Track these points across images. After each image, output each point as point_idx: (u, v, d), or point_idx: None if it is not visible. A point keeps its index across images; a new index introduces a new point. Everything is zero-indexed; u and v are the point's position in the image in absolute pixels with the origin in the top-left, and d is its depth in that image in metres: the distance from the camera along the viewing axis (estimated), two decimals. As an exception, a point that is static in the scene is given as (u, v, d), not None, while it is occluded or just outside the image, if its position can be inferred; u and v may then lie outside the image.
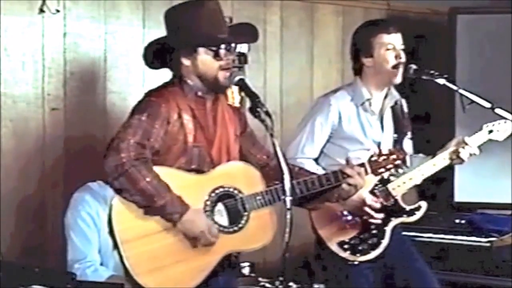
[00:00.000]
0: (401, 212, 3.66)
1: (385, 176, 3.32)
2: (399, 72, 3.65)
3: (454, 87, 3.74)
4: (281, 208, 2.90)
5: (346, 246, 3.60)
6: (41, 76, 4.01)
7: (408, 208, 3.67)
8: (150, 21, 4.26)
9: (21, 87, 3.96)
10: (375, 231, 3.62)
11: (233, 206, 3.08)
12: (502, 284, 4.24)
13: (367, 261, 3.62)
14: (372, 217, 3.56)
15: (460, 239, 4.45)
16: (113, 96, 4.19)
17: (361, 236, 3.61)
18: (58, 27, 4.03)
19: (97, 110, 4.13)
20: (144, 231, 2.99)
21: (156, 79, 4.12)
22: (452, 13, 4.93)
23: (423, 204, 3.67)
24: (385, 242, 3.63)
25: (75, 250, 3.62)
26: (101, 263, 3.65)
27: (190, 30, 3.09)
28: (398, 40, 3.67)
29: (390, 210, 3.64)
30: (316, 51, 4.86)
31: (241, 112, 3.32)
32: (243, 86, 3.09)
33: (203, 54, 3.09)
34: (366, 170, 3.22)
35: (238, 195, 3.09)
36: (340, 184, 3.18)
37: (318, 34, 4.86)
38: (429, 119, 4.94)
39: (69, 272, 3.38)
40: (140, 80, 4.24)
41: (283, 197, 2.80)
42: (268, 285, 3.91)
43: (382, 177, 3.54)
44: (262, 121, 2.89)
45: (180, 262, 3.00)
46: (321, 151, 3.72)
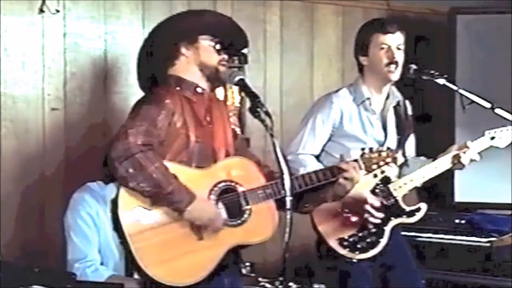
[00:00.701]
0: (401, 212, 3.67)
1: (378, 173, 3.33)
2: (394, 70, 3.66)
3: (454, 87, 3.74)
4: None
5: (345, 243, 3.61)
6: (41, 76, 4.01)
7: (408, 209, 3.68)
8: (150, 21, 4.25)
9: (21, 87, 3.96)
10: (374, 230, 3.64)
11: (235, 200, 3.10)
12: (502, 284, 4.24)
13: (367, 260, 3.63)
14: (372, 216, 3.57)
15: (460, 239, 4.45)
16: (113, 96, 4.19)
17: (360, 234, 3.63)
18: (58, 27, 4.03)
19: (97, 110, 4.13)
20: (151, 223, 3.00)
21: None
22: (452, 13, 4.93)
23: (423, 206, 3.68)
24: (383, 242, 3.64)
25: (75, 250, 3.63)
26: (101, 263, 3.65)
27: (196, 19, 3.19)
28: (395, 40, 3.68)
29: (390, 210, 3.65)
30: (316, 51, 4.86)
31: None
32: (243, 86, 3.10)
33: (206, 44, 3.15)
34: (360, 166, 3.25)
35: (240, 189, 3.11)
36: (337, 180, 3.20)
37: (318, 34, 4.86)
38: (430, 119, 4.94)
39: (69, 272, 3.39)
40: (140, 80, 4.24)
41: (283, 192, 2.81)
42: (268, 285, 3.91)
43: (383, 177, 3.55)
44: (262, 121, 2.90)
45: (188, 253, 3.01)
46: (323, 149, 3.74)
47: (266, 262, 3.70)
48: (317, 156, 3.73)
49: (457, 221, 4.58)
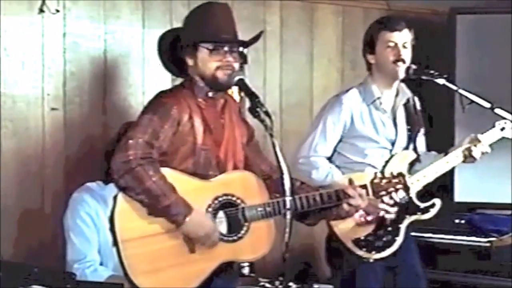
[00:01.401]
0: (415, 209, 3.66)
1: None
2: (400, 68, 3.66)
3: (454, 87, 3.74)
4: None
5: (362, 244, 3.61)
6: (41, 76, 4.00)
7: (422, 205, 3.67)
8: (150, 21, 4.25)
9: (21, 87, 3.96)
10: (390, 228, 3.63)
11: (234, 215, 3.07)
12: (502, 284, 4.24)
13: (380, 259, 3.61)
14: (387, 212, 3.56)
15: (460, 239, 4.45)
16: (112, 96, 4.19)
17: (376, 234, 3.61)
18: (58, 27, 4.03)
19: (97, 110, 4.13)
20: (144, 232, 2.99)
21: (156, 79, 4.16)
22: (452, 13, 4.93)
23: (437, 202, 3.67)
24: (399, 240, 3.64)
25: (75, 250, 3.63)
26: (101, 263, 3.65)
27: (192, 27, 3.12)
28: (401, 37, 3.68)
29: (405, 207, 3.63)
30: (316, 51, 4.85)
31: (248, 122, 3.31)
32: (242, 86, 3.09)
33: (202, 52, 3.10)
34: (367, 191, 3.21)
35: (240, 204, 3.09)
36: (341, 204, 3.17)
37: (318, 34, 4.85)
38: (430, 119, 4.93)
39: (69, 272, 3.38)
40: (140, 80, 4.24)
41: (283, 211, 2.80)
42: (268, 285, 3.92)
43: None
44: (262, 121, 2.90)
45: (177, 266, 3.00)
46: (335, 150, 3.73)
47: (266, 262, 3.68)
48: (329, 157, 3.73)
49: (457, 221, 4.58)
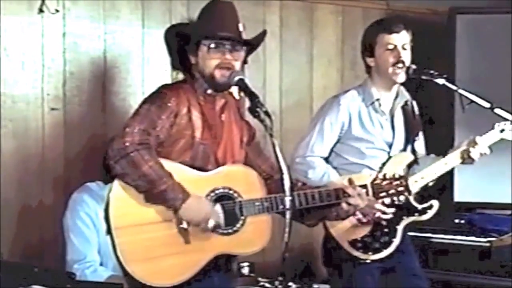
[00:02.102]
0: (413, 210, 3.66)
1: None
2: (400, 71, 3.65)
3: (454, 87, 3.73)
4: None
5: (358, 245, 3.60)
6: (41, 76, 4.01)
7: (420, 207, 3.66)
8: (149, 21, 4.25)
9: (21, 87, 3.96)
10: (387, 230, 3.62)
11: (230, 209, 3.07)
12: (502, 284, 4.24)
13: (377, 260, 3.61)
14: (384, 213, 3.55)
15: (460, 239, 4.45)
16: (112, 96, 4.19)
17: (373, 235, 3.61)
18: (58, 27, 4.03)
19: (96, 110, 4.13)
20: (139, 220, 2.97)
21: (156, 79, 4.16)
22: (452, 13, 4.93)
23: (435, 203, 3.66)
24: (396, 241, 3.63)
25: (74, 250, 3.63)
26: (101, 263, 3.65)
27: (195, 24, 3.13)
28: (400, 39, 3.66)
29: (402, 208, 3.62)
30: (316, 51, 4.85)
31: (250, 123, 3.30)
32: (242, 86, 3.08)
33: (202, 51, 3.10)
34: (367, 192, 3.21)
35: (237, 198, 3.08)
36: (340, 202, 3.16)
37: (318, 34, 4.86)
38: (430, 120, 4.93)
39: (68, 272, 3.38)
40: (140, 80, 4.24)
41: (281, 207, 2.79)
42: (268, 285, 3.92)
43: None
44: (262, 121, 2.89)
45: (171, 255, 2.98)
46: (332, 151, 3.72)
47: (266, 262, 3.69)
48: (326, 158, 3.72)
49: (457, 221, 4.58)
